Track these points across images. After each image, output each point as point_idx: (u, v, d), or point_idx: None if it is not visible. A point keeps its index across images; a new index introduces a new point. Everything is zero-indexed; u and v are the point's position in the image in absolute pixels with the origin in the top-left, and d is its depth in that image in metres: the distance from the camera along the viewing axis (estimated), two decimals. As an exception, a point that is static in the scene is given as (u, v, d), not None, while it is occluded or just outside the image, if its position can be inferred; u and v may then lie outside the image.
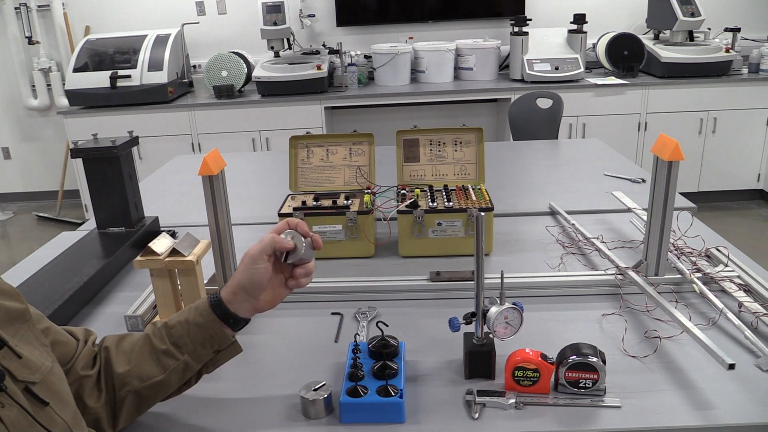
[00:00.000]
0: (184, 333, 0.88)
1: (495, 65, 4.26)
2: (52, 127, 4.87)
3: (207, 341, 0.89)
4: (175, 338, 0.89)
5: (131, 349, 0.90)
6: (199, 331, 0.88)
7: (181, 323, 0.89)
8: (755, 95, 4.00)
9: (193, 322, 0.89)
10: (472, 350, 0.99)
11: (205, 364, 0.91)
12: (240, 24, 4.51)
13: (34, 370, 0.72)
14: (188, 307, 0.91)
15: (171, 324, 0.90)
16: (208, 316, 0.88)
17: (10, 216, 4.86)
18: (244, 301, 0.89)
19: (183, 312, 0.91)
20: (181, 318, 0.90)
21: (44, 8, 4.50)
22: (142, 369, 0.87)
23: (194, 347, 0.88)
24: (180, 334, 0.89)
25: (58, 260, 1.43)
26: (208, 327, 0.88)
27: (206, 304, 0.89)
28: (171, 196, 2.08)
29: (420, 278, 1.30)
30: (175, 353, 0.88)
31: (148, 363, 0.88)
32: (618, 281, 1.26)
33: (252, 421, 0.94)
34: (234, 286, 0.89)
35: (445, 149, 1.61)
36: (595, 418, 0.90)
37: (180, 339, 0.88)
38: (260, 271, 0.88)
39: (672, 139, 1.16)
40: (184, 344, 0.88)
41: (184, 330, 0.89)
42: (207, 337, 0.89)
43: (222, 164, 1.25)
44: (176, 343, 0.88)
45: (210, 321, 0.88)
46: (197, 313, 0.89)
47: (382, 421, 0.91)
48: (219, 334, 0.89)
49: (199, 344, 0.88)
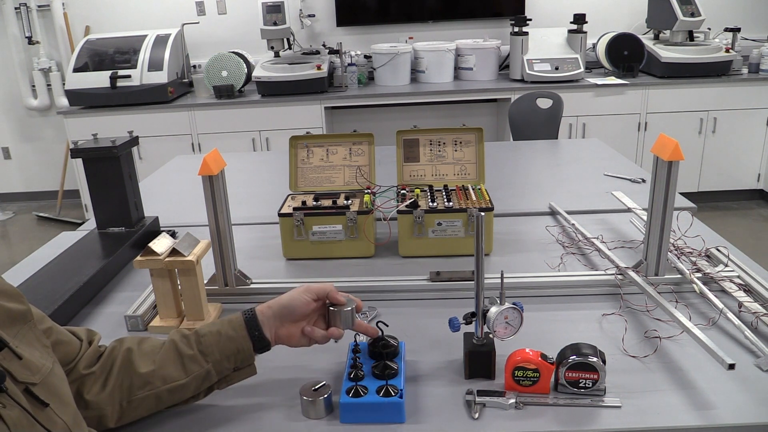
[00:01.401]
0: (214, 343, 0.92)
1: (495, 65, 4.26)
2: (52, 127, 4.87)
3: (233, 355, 0.92)
4: (203, 346, 0.92)
5: (154, 351, 0.92)
6: (229, 343, 0.92)
7: (212, 333, 0.93)
8: (755, 95, 4.00)
9: (225, 334, 0.93)
10: (472, 350, 0.99)
11: (220, 379, 0.94)
12: (240, 24, 4.52)
13: (34, 372, 0.73)
14: (220, 321, 0.95)
15: (202, 333, 0.93)
16: (241, 331, 0.93)
17: (10, 216, 4.87)
18: (273, 320, 0.95)
19: (215, 324, 0.95)
20: (212, 329, 0.93)
21: (44, 8, 4.50)
22: (166, 371, 0.90)
23: (220, 358, 0.92)
24: (209, 343, 0.92)
25: (58, 260, 1.43)
26: (237, 340, 0.92)
27: (240, 318, 0.94)
28: (171, 196, 2.08)
29: (420, 278, 1.30)
30: (200, 360, 0.91)
31: (174, 365, 0.90)
32: (618, 281, 1.26)
33: (252, 421, 0.93)
34: (273, 302, 0.96)
35: (445, 149, 1.61)
36: (595, 418, 0.90)
37: (208, 348, 0.92)
38: (304, 303, 0.96)
39: (672, 139, 1.16)
40: (211, 353, 0.91)
41: (214, 340, 0.92)
42: (234, 351, 0.92)
43: (222, 164, 1.25)
44: (203, 351, 0.92)
45: (241, 335, 0.93)
46: (230, 326, 0.93)
47: (382, 421, 0.91)
48: (245, 350, 0.93)
49: (225, 357, 0.92)
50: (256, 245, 1.59)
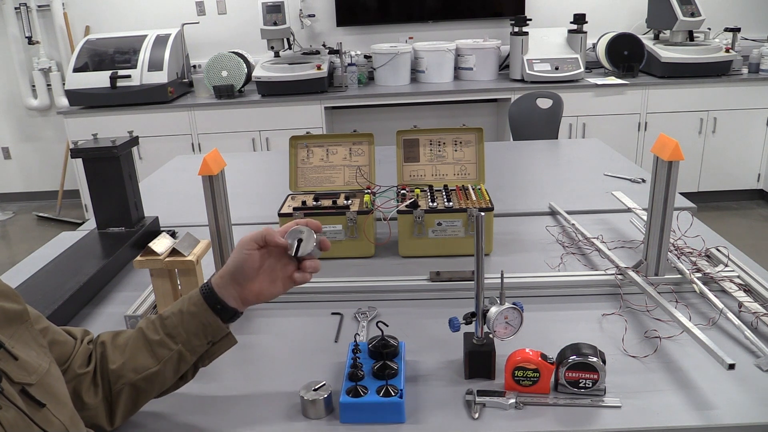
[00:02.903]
0: (178, 323, 0.89)
1: (495, 65, 4.26)
2: (52, 127, 4.87)
3: (200, 331, 0.89)
4: (169, 329, 0.89)
5: (125, 343, 0.90)
6: (192, 320, 0.89)
7: (174, 314, 0.90)
8: (755, 95, 4.00)
9: (186, 311, 0.89)
10: (472, 350, 0.99)
11: (200, 357, 0.91)
12: (240, 24, 4.51)
13: (30, 372, 0.72)
14: (182, 298, 0.92)
15: (165, 315, 0.90)
16: (201, 305, 0.89)
17: (10, 216, 4.86)
18: (230, 287, 0.90)
19: (177, 303, 0.91)
20: (174, 309, 0.90)
21: (44, 8, 4.50)
22: (136, 361, 0.88)
23: (188, 337, 0.89)
24: (174, 324, 0.89)
25: (58, 260, 1.43)
26: (200, 316, 0.89)
27: (198, 293, 0.90)
28: (171, 196, 2.08)
29: (420, 278, 1.30)
30: (168, 343, 0.88)
31: (143, 354, 0.88)
32: (618, 281, 1.26)
33: (252, 421, 0.93)
34: (222, 270, 0.91)
35: (445, 149, 1.61)
36: (595, 418, 0.90)
37: (174, 329, 0.89)
38: (246, 258, 0.89)
39: (672, 139, 1.16)
40: (177, 334, 0.89)
41: (177, 320, 0.89)
42: (200, 327, 0.89)
43: (222, 164, 1.25)
44: (170, 334, 0.89)
45: (202, 310, 0.89)
46: (190, 303, 0.90)
47: (382, 421, 0.91)
48: (213, 324, 0.89)
49: (193, 334, 0.89)
50: (256, 245, 1.58)
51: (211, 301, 0.89)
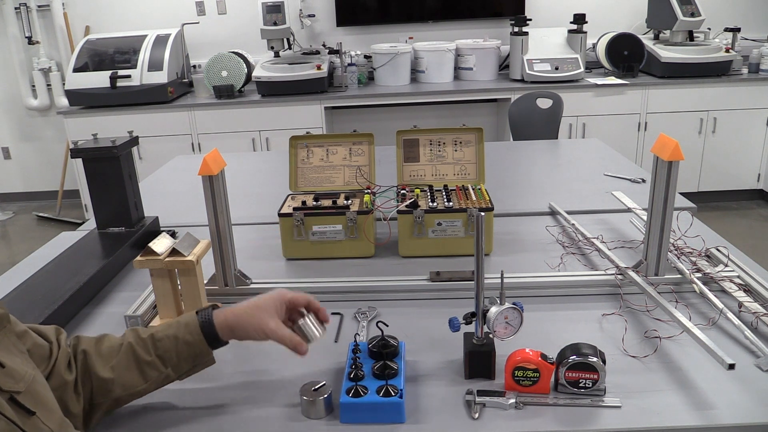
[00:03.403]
0: (171, 348, 0.91)
1: (495, 65, 4.26)
2: (52, 127, 4.87)
3: (191, 357, 0.92)
4: (161, 351, 0.91)
5: (111, 354, 0.90)
6: (186, 348, 0.91)
7: (168, 337, 0.91)
8: (755, 95, 4.00)
9: (182, 339, 0.91)
10: (472, 350, 0.99)
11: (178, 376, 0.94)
12: (240, 24, 4.52)
13: (18, 380, 0.70)
14: (177, 323, 0.93)
15: (158, 337, 0.91)
16: (198, 337, 0.91)
17: (10, 216, 4.86)
18: (228, 330, 0.94)
19: (171, 326, 0.93)
20: (169, 332, 0.92)
21: (44, 8, 4.50)
22: (125, 378, 0.89)
23: (178, 362, 0.91)
24: (166, 348, 0.91)
25: (58, 260, 1.43)
26: (195, 346, 0.91)
27: (197, 325, 0.92)
28: (171, 196, 2.08)
29: (420, 278, 1.30)
30: (158, 366, 0.90)
31: (132, 372, 0.89)
32: (618, 281, 1.26)
33: (252, 421, 0.93)
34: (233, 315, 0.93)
35: (445, 149, 1.61)
36: (595, 418, 0.90)
37: (166, 353, 0.91)
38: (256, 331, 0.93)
39: (672, 139, 1.16)
40: (169, 358, 0.91)
41: (171, 345, 0.91)
42: (192, 355, 0.92)
43: (222, 164, 1.25)
44: (161, 357, 0.91)
45: (198, 341, 0.92)
46: (187, 331, 0.92)
47: (382, 421, 0.91)
48: (204, 353, 0.93)
49: (183, 359, 0.92)
50: (256, 245, 1.59)
51: (209, 336, 0.92)
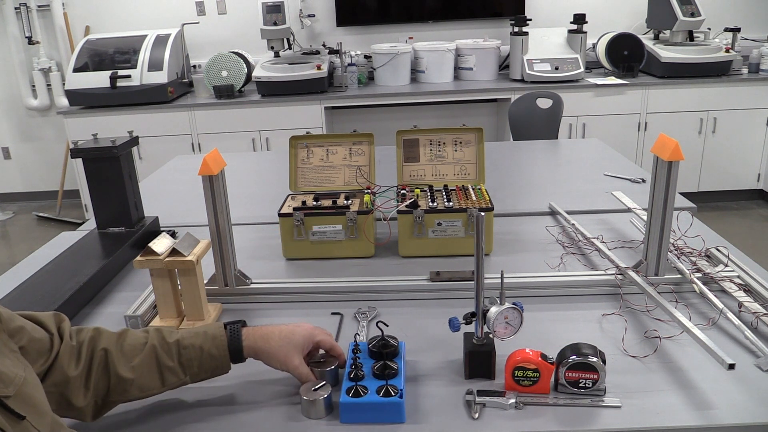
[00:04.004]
0: (195, 358, 0.92)
1: (495, 65, 4.26)
2: (52, 127, 4.87)
3: (212, 369, 0.93)
4: (184, 359, 0.92)
5: (134, 353, 0.90)
6: (209, 360, 0.93)
7: (194, 347, 0.92)
8: (755, 95, 4.00)
9: (207, 352, 0.92)
10: (472, 350, 0.99)
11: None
12: (240, 24, 4.51)
13: (7, 383, 0.69)
14: (204, 333, 0.94)
15: (184, 344, 0.92)
16: (223, 352, 0.93)
17: (10, 216, 4.86)
18: (253, 356, 0.96)
19: (198, 335, 0.94)
20: (195, 342, 0.93)
21: (44, 8, 4.50)
22: (144, 380, 0.90)
23: (198, 371, 0.93)
24: (190, 357, 0.92)
25: (58, 260, 1.43)
26: (219, 359, 0.93)
27: (224, 341, 0.93)
28: (171, 196, 2.08)
29: (420, 278, 1.30)
30: (179, 373, 0.91)
31: (152, 375, 0.90)
32: (618, 281, 1.26)
33: (252, 421, 0.93)
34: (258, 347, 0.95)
35: (445, 149, 1.61)
36: (595, 418, 0.90)
37: (189, 362, 0.92)
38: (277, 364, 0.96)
39: (672, 139, 1.16)
40: (190, 367, 0.92)
41: (196, 355, 0.92)
42: (213, 367, 0.93)
43: (222, 164, 1.25)
44: (183, 364, 0.92)
45: (223, 356, 0.93)
46: (213, 345, 0.93)
47: (382, 421, 0.91)
48: (224, 366, 0.94)
49: (204, 370, 0.93)
50: (256, 245, 1.59)
51: (233, 353, 0.94)
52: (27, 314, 0.86)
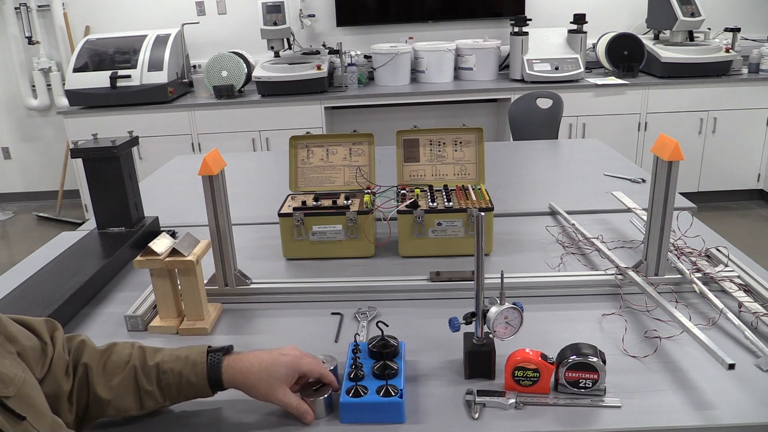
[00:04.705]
0: (174, 383, 0.90)
1: (495, 65, 4.26)
2: (52, 127, 4.87)
3: (191, 395, 0.91)
4: (163, 384, 0.90)
5: (115, 372, 0.89)
6: (188, 387, 0.90)
7: (173, 372, 0.90)
8: (755, 95, 4.00)
9: (186, 378, 0.90)
10: (472, 350, 0.99)
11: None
12: (240, 24, 4.52)
13: (7, 383, 0.69)
14: (185, 358, 0.91)
15: (163, 369, 0.90)
16: (202, 380, 0.90)
17: (10, 216, 4.86)
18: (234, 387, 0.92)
19: (179, 360, 0.91)
20: (175, 367, 0.90)
21: (44, 8, 4.50)
22: (121, 402, 0.88)
23: (177, 396, 0.91)
24: (169, 383, 0.90)
25: (58, 260, 1.43)
26: (198, 387, 0.90)
27: (204, 369, 0.90)
28: (171, 196, 2.08)
29: (420, 278, 1.30)
30: (157, 397, 0.90)
31: (129, 398, 0.89)
32: (618, 281, 1.26)
33: (252, 422, 0.93)
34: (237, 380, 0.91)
35: (445, 149, 1.61)
36: (595, 418, 0.90)
37: (167, 387, 0.90)
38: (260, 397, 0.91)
39: (672, 139, 1.16)
40: (169, 392, 0.90)
41: (174, 380, 0.90)
42: (193, 393, 0.91)
43: (222, 164, 1.25)
44: (162, 389, 0.90)
45: (202, 384, 0.90)
46: (193, 372, 0.90)
47: (382, 421, 0.91)
48: (205, 392, 0.91)
49: (183, 395, 0.91)
50: (256, 245, 1.59)
51: (212, 382, 0.90)
52: (19, 319, 0.83)
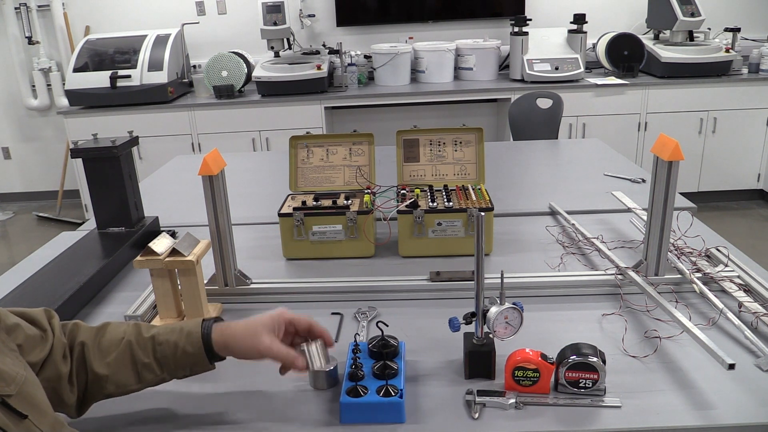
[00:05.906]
0: (170, 354, 0.90)
1: (495, 65, 4.26)
2: (52, 127, 4.87)
3: (189, 366, 0.91)
4: (159, 355, 0.90)
5: (110, 349, 0.89)
6: (185, 357, 0.90)
7: (169, 344, 0.90)
8: (755, 95, 4.00)
9: (182, 348, 0.90)
10: (472, 350, 0.99)
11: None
12: (240, 24, 4.51)
13: (9, 382, 0.69)
14: (180, 329, 0.91)
15: (159, 340, 0.90)
16: (198, 349, 0.90)
17: (10, 216, 4.86)
18: (226, 351, 0.92)
19: (173, 331, 0.91)
20: (170, 338, 0.90)
21: (44, 8, 4.50)
22: (119, 376, 0.88)
23: (175, 368, 0.91)
24: (166, 354, 0.90)
25: (58, 260, 1.43)
26: (194, 356, 0.90)
27: (199, 337, 0.90)
28: (171, 196, 2.08)
29: (420, 278, 1.30)
30: (155, 369, 0.90)
31: (128, 372, 0.89)
32: (618, 281, 1.26)
33: (251, 421, 0.93)
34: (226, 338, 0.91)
35: (445, 149, 1.61)
36: (595, 418, 0.90)
37: (164, 359, 0.90)
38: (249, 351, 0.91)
39: (672, 139, 1.16)
40: (166, 364, 0.90)
41: (170, 351, 0.90)
42: (190, 363, 0.91)
43: (222, 164, 1.25)
44: (159, 361, 0.90)
45: (198, 352, 0.90)
46: (188, 341, 0.90)
47: (382, 421, 0.91)
48: (202, 363, 0.91)
49: (181, 367, 0.91)
50: (256, 245, 1.59)
51: (209, 352, 0.91)
52: (17, 311, 0.85)
